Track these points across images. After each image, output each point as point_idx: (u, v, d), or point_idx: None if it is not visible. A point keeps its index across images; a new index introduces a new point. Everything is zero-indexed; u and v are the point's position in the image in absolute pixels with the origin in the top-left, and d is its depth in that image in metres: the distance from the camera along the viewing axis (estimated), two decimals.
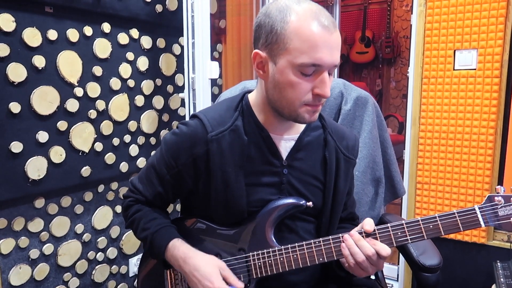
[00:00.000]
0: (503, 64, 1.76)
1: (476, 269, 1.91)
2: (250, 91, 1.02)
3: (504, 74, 1.76)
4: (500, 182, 1.83)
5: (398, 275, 2.10)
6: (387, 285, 1.27)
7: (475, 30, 1.78)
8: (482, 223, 0.81)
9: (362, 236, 0.86)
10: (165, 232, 0.97)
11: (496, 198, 0.81)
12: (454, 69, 1.85)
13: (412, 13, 1.94)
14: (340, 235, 0.89)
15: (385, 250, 0.84)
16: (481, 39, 1.78)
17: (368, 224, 0.87)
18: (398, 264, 2.10)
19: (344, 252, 0.87)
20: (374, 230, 0.87)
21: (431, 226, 0.83)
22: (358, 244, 0.86)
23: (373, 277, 1.22)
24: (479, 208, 0.82)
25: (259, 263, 0.93)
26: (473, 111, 1.82)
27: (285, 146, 0.98)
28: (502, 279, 1.64)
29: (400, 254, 1.80)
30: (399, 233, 0.85)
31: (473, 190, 1.86)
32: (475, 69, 1.81)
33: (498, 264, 1.74)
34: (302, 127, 1.00)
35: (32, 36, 1.43)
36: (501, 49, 1.74)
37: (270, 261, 0.92)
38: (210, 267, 0.90)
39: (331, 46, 0.84)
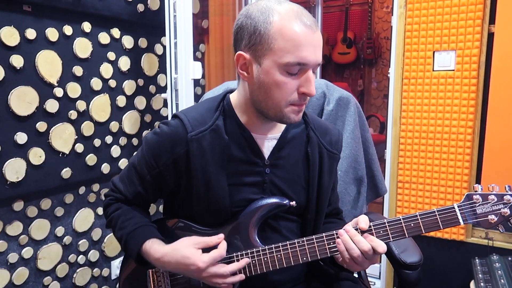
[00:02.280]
0: (480, 65, 1.80)
1: (456, 265, 1.95)
2: (232, 91, 1.02)
3: (481, 75, 1.81)
4: (478, 181, 1.87)
5: (380, 272, 2.13)
6: (370, 283, 1.29)
7: (454, 32, 1.82)
8: (461, 221, 0.83)
9: (358, 232, 0.87)
10: (140, 233, 0.95)
11: (474, 196, 0.83)
12: (433, 70, 1.89)
13: (392, 15, 1.97)
14: (334, 231, 0.89)
15: (382, 247, 0.84)
16: (459, 41, 1.82)
17: (363, 221, 0.87)
18: (380, 262, 2.13)
19: (339, 247, 0.86)
20: (370, 227, 0.87)
21: (412, 225, 0.85)
22: (354, 240, 0.85)
23: (355, 274, 1.23)
24: (458, 206, 0.83)
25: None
26: (452, 111, 1.86)
27: (267, 145, 0.98)
28: (480, 275, 1.68)
29: None
30: (381, 232, 0.86)
31: (452, 188, 1.90)
32: (453, 70, 1.85)
33: (477, 260, 1.78)
34: (284, 125, 1.00)
35: (9, 35, 1.40)
36: (478, 51, 1.79)
37: (254, 261, 0.92)
38: (185, 251, 0.88)
39: (315, 44, 0.85)
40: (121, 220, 0.98)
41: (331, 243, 0.89)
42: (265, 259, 0.91)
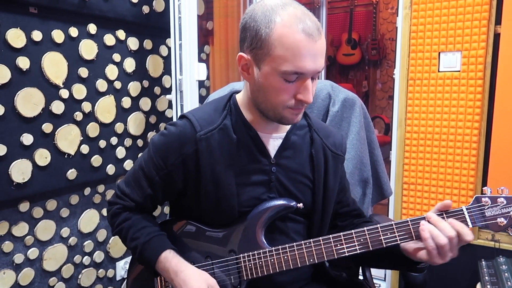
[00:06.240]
0: (487, 66, 1.79)
1: (462, 267, 1.94)
2: (237, 92, 1.02)
3: (488, 76, 1.80)
4: (484, 182, 1.86)
5: (385, 275, 2.12)
6: (375, 285, 1.28)
7: (459, 33, 1.81)
8: (469, 223, 0.82)
9: (443, 218, 0.84)
10: (156, 242, 0.95)
11: (483, 199, 0.83)
12: (439, 71, 1.88)
13: (397, 16, 1.96)
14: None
15: (469, 235, 0.81)
16: (465, 42, 1.81)
17: (440, 207, 0.85)
18: None
19: (423, 234, 0.82)
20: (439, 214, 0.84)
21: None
22: (438, 226, 0.82)
23: (361, 277, 1.23)
24: (467, 209, 0.83)
25: (250, 265, 0.93)
26: (458, 112, 1.85)
27: (273, 144, 0.98)
28: (486, 277, 1.67)
29: None
30: (389, 234, 0.86)
31: (458, 190, 1.88)
32: (459, 71, 1.83)
33: (483, 262, 1.77)
34: (289, 125, 1.00)
35: (16, 37, 1.41)
36: (484, 51, 1.78)
37: (261, 263, 0.92)
38: (199, 283, 0.89)
39: (315, 54, 0.84)
40: (132, 231, 0.97)
41: (338, 245, 0.89)
42: (272, 260, 0.91)
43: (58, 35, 1.53)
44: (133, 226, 0.98)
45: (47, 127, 1.52)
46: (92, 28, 1.64)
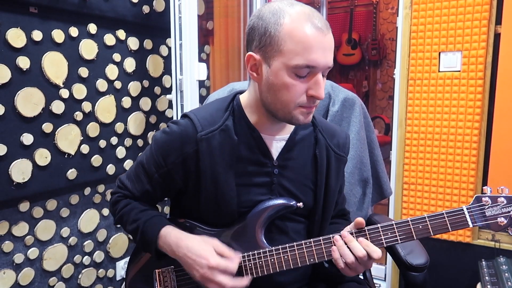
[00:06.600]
0: (487, 66, 1.79)
1: (462, 267, 1.94)
2: (241, 92, 1.02)
3: (488, 75, 1.80)
4: (485, 182, 1.86)
5: (385, 274, 2.12)
6: (375, 285, 1.28)
7: (460, 33, 1.81)
8: (470, 223, 0.82)
9: (354, 237, 0.87)
10: (156, 220, 0.96)
11: (483, 198, 0.83)
12: (439, 71, 1.88)
13: (398, 16, 1.96)
14: (331, 235, 0.89)
15: (377, 252, 0.84)
16: (465, 42, 1.81)
17: (356, 225, 0.88)
18: (386, 264, 2.12)
19: (334, 255, 0.87)
20: (365, 230, 0.87)
21: (420, 227, 0.84)
22: (349, 246, 0.86)
23: (361, 276, 1.23)
24: (467, 208, 0.83)
25: (250, 264, 0.92)
26: (458, 112, 1.85)
27: (276, 146, 0.98)
28: (487, 277, 1.67)
29: (388, 254, 1.81)
30: (389, 234, 0.86)
31: (458, 190, 1.88)
32: (459, 71, 1.83)
33: (483, 262, 1.77)
34: (293, 126, 1.00)
35: (16, 37, 1.40)
36: (485, 51, 1.78)
37: (260, 262, 0.92)
38: (204, 245, 0.89)
39: (325, 47, 0.85)
40: (134, 213, 0.98)
41: None
42: (272, 260, 0.91)
43: (58, 35, 1.53)
44: (134, 209, 0.99)
45: (47, 127, 1.52)
46: (92, 28, 1.64)
